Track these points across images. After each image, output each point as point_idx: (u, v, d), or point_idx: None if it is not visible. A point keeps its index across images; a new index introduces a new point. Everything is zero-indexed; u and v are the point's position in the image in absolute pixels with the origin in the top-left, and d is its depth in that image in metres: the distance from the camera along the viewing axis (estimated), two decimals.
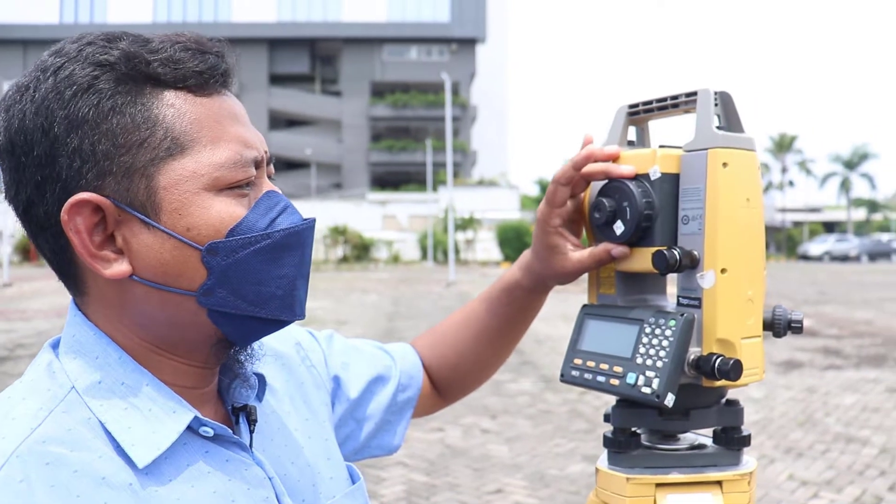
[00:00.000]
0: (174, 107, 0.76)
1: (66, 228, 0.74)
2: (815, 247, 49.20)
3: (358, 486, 1.00)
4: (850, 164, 61.06)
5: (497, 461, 5.59)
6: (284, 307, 0.81)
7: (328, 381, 1.09)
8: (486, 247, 43.99)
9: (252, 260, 0.77)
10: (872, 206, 65.11)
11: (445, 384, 1.24)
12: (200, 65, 0.78)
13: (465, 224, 41.90)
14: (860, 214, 65.38)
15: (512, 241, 40.77)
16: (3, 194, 0.80)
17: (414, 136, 58.94)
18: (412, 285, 24.17)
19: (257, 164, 0.81)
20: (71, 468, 0.70)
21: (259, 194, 0.81)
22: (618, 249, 0.97)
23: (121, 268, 0.75)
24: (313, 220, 0.84)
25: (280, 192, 0.83)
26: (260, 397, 0.91)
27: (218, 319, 0.79)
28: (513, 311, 1.18)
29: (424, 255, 43.38)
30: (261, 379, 0.91)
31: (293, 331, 1.09)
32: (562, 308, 15.99)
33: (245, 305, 0.78)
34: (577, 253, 1.04)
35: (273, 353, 1.01)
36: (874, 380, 8.62)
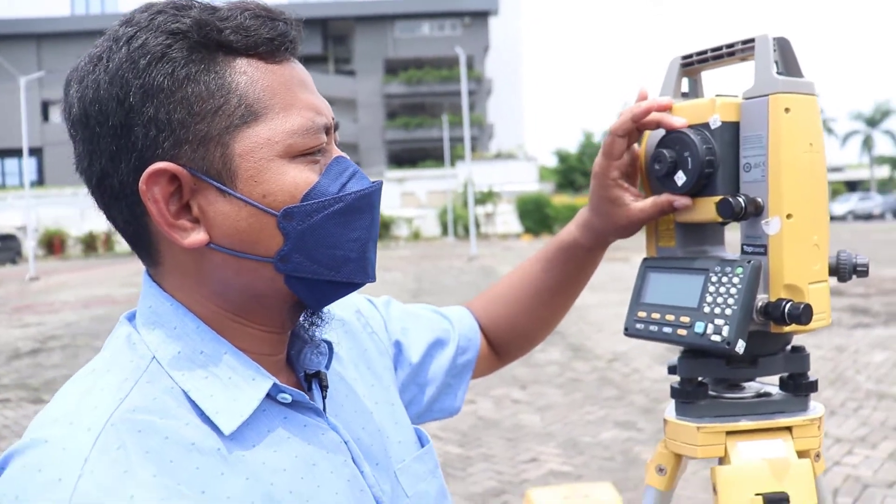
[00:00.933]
0: (247, 74, 0.76)
1: (144, 198, 0.74)
2: (838, 206, 48.62)
3: (427, 450, 1.00)
4: (873, 122, 60.11)
5: (530, 430, 5.61)
6: (358, 270, 0.82)
7: (390, 347, 1.09)
8: (506, 220, 43.88)
9: (327, 223, 0.78)
10: (895, 163, 64.26)
11: (502, 344, 1.24)
12: (271, 32, 0.78)
13: (485, 198, 41.75)
14: (883, 172, 64.27)
15: (532, 212, 40.63)
16: (75, 166, 0.79)
17: (429, 111, 58.73)
18: (434, 261, 24.19)
19: (326, 131, 0.81)
20: (162, 435, 0.71)
21: (329, 160, 0.81)
22: (680, 201, 0.97)
23: (198, 237, 0.76)
24: (381, 183, 0.84)
25: (348, 157, 0.84)
26: (328, 365, 0.91)
27: (294, 285, 0.79)
28: (570, 270, 1.18)
29: (445, 231, 43.32)
30: (329, 346, 0.91)
31: (353, 297, 1.09)
32: None
33: (321, 269, 0.79)
34: (639, 203, 1.04)
35: (338, 320, 1.02)
36: None
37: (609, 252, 1.14)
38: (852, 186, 62.61)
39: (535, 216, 40.39)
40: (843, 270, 0.94)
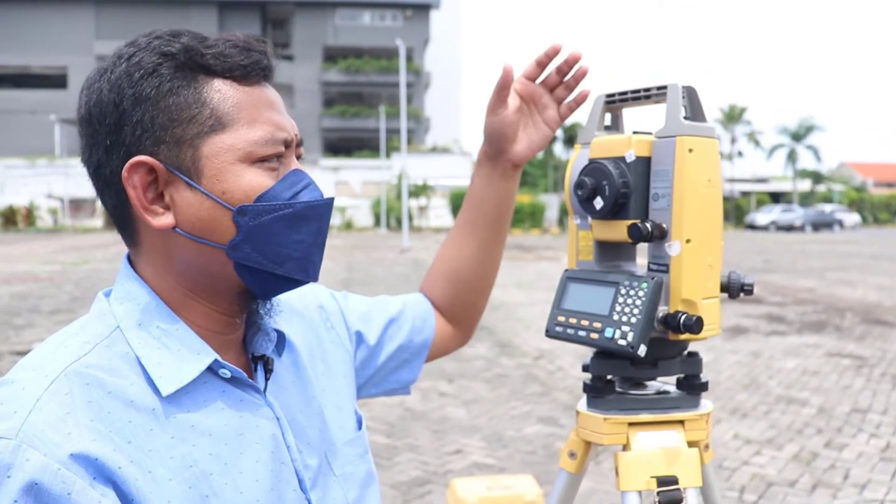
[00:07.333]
0: (220, 92, 0.91)
1: (125, 184, 0.89)
2: (761, 217, 49.97)
3: (359, 435, 1.13)
4: (797, 137, 61.71)
5: (455, 423, 5.73)
6: (299, 268, 0.95)
7: (349, 339, 1.23)
8: (440, 213, 44.06)
9: (274, 224, 0.91)
10: (817, 177, 65.95)
11: (454, 312, 1.37)
12: (245, 59, 0.92)
13: (419, 191, 41.89)
14: (805, 185, 66.13)
15: None
16: (80, 157, 0.95)
17: (367, 101, 58.54)
18: (366, 252, 24.19)
19: (287, 145, 0.94)
20: (106, 389, 0.85)
21: (287, 171, 0.95)
22: (507, 66, 1.16)
23: (166, 220, 0.90)
24: (331, 199, 0.97)
25: (305, 171, 0.97)
26: (280, 352, 1.05)
27: (242, 272, 0.93)
28: (487, 209, 1.31)
29: (378, 222, 43.30)
30: (280, 335, 1.05)
31: (317, 293, 1.23)
32: (516, 276, 16.21)
33: (265, 262, 0.92)
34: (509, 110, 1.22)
35: (298, 314, 1.16)
36: (814, 345, 8.96)
37: (539, 251, 1.27)
38: (776, 198, 64.27)
39: None
40: (733, 288, 1.10)
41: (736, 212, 55.99)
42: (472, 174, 1.32)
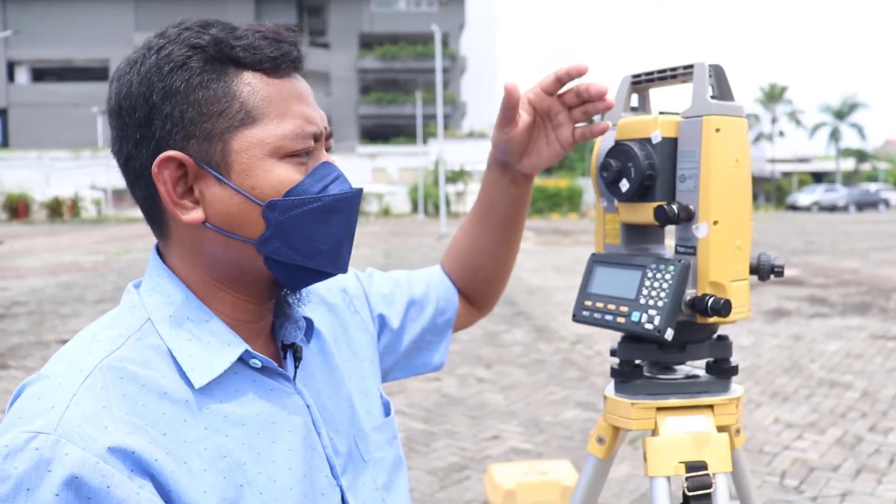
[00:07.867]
0: (250, 85, 0.90)
1: (155, 179, 0.88)
2: (803, 197, 49.21)
3: (388, 421, 1.14)
4: (840, 115, 60.43)
5: (493, 409, 5.73)
6: (329, 261, 0.95)
7: (372, 322, 1.23)
8: None
9: (304, 217, 0.91)
10: (861, 156, 64.56)
11: (472, 294, 1.36)
12: (275, 51, 0.91)
13: (456, 176, 41.84)
14: (849, 165, 64.80)
15: None
16: (110, 148, 0.95)
17: (403, 88, 58.57)
18: (404, 238, 24.24)
19: (316, 138, 0.94)
20: (139, 382, 0.86)
21: (316, 164, 0.94)
22: (508, 86, 1.11)
23: (196, 215, 0.90)
24: (360, 190, 0.97)
25: (334, 163, 0.96)
26: (309, 339, 1.05)
27: (272, 266, 0.93)
28: (502, 207, 1.28)
29: (415, 208, 43.39)
30: (309, 323, 1.05)
31: (340, 277, 1.22)
32: (554, 260, 16.15)
33: (295, 256, 0.92)
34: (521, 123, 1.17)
35: (322, 300, 1.16)
36: (858, 327, 8.81)
37: (577, 235, 1.24)
38: (818, 178, 63.14)
39: None
40: (763, 270, 1.08)
41: (777, 192, 55.18)
42: (485, 171, 1.29)
